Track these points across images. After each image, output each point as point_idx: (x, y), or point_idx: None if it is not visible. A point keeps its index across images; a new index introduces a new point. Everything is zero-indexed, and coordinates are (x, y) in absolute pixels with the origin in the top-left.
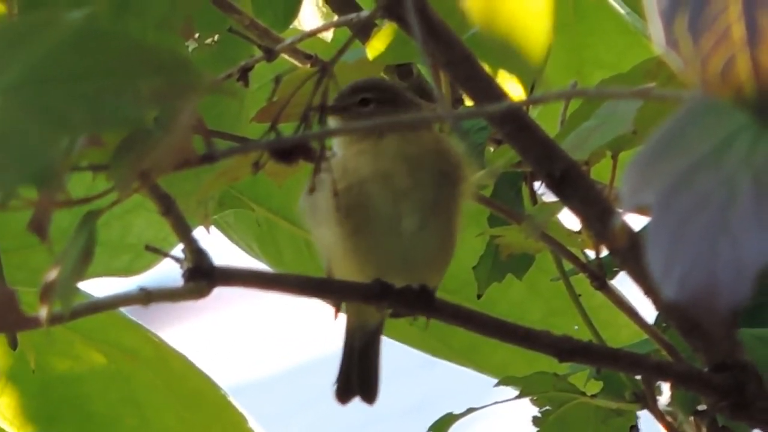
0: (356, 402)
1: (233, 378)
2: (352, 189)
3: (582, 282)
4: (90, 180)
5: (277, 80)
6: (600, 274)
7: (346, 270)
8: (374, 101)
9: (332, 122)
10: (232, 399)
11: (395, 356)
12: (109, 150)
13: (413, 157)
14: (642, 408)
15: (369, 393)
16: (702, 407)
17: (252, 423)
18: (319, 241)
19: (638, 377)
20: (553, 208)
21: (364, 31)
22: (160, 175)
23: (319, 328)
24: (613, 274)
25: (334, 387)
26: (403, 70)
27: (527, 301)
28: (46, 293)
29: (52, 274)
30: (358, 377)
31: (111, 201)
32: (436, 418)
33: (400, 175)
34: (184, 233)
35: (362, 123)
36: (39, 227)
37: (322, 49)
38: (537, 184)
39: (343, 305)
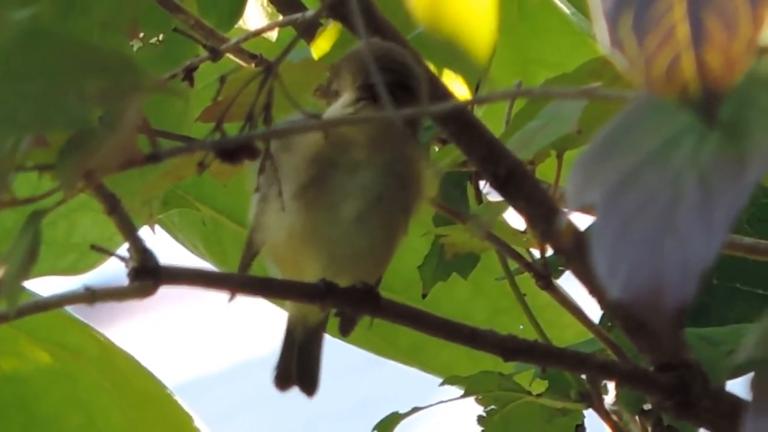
0: (301, 400)
1: (178, 376)
2: (304, 169)
3: (527, 281)
4: (35, 180)
5: (222, 80)
6: (545, 274)
7: (287, 263)
8: (397, 91)
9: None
10: (177, 398)
11: (340, 355)
12: (55, 150)
13: (379, 139)
14: (587, 407)
15: (308, 385)
16: (647, 406)
17: (197, 421)
18: (261, 231)
19: (584, 376)
20: (498, 208)
21: (309, 30)
22: (105, 175)
23: (264, 327)
24: (559, 274)
25: (274, 374)
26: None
27: (472, 301)
28: None
29: None
30: (297, 369)
31: (56, 200)
32: (382, 417)
33: (359, 152)
34: (130, 232)
35: (310, 123)
36: None
37: (267, 49)
38: (482, 184)
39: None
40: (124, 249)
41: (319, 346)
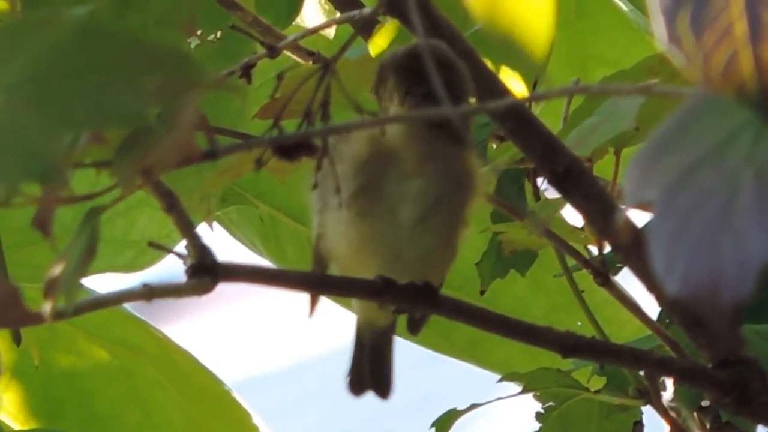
0: (359, 398)
1: (237, 374)
2: (362, 175)
3: (585, 278)
4: (93, 177)
5: (280, 77)
6: (603, 271)
7: (347, 263)
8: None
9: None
10: (235, 395)
11: (398, 352)
12: (112, 147)
13: (423, 155)
14: (645, 404)
15: (382, 388)
16: (706, 403)
17: (256, 419)
18: (321, 230)
19: (642, 373)
20: (556, 205)
21: (366, 28)
22: (163, 172)
23: (323, 324)
24: (617, 270)
25: (347, 379)
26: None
27: (530, 297)
28: (50, 289)
29: (56, 271)
30: (369, 373)
31: (114, 198)
32: (440, 414)
33: (407, 167)
34: (187, 230)
35: (367, 120)
36: (42, 224)
37: (324, 46)
38: (540, 181)
39: (353, 304)
40: (182, 246)
41: (389, 349)
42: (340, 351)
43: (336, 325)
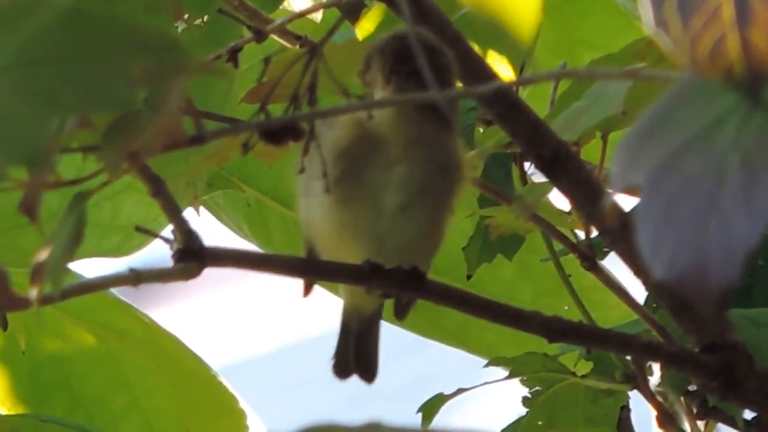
0: (346, 382)
1: (224, 358)
2: (344, 160)
3: (572, 262)
4: (80, 161)
5: (267, 61)
6: (590, 255)
7: (333, 248)
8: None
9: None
10: (222, 379)
11: (385, 337)
12: (99, 131)
13: (411, 139)
14: (632, 388)
15: (367, 372)
16: (693, 388)
17: (242, 403)
18: (307, 215)
19: (629, 358)
20: (543, 189)
21: (353, 11)
22: (149, 157)
23: (310, 308)
24: (603, 255)
25: (332, 363)
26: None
27: (517, 282)
28: (37, 274)
29: (43, 255)
30: (355, 357)
31: (101, 182)
32: (427, 398)
33: (393, 152)
34: (174, 214)
35: (354, 104)
36: (29, 208)
37: (311, 30)
38: (527, 165)
39: (339, 289)
40: (168, 231)
41: (376, 334)
42: (327, 335)
43: (322, 309)
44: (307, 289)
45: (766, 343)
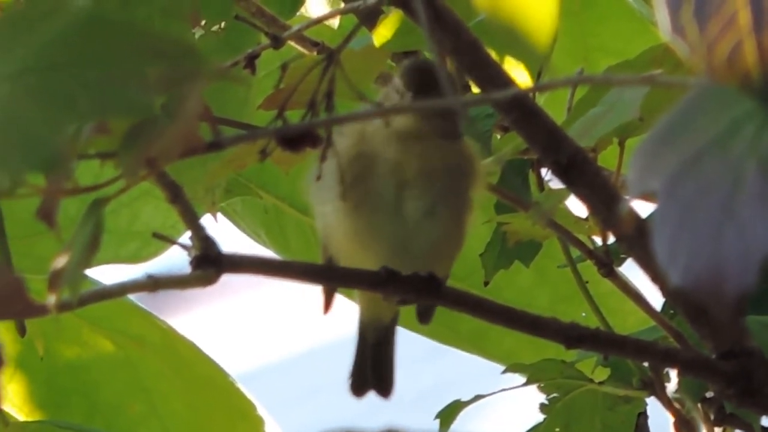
0: (361, 398)
1: (241, 365)
2: (356, 167)
3: (589, 269)
4: (97, 168)
5: (284, 68)
6: (607, 261)
7: (349, 255)
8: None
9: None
10: (240, 385)
11: (403, 344)
12: (117, 137)
13: (425, 146)
14: (650, 395)
15: (384, 386)
16: (710, 394)
17: (260, 409)
18: (323, 222)
19: (646, 364)
20: (560, 195)
21: (370, 18)
22: (167, 163)
23: (327, 315)
24: (621, 261)
25: (349, 380)
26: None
27: (534, 288)
28: (54, 281)
29: (60, 262)
30: (372, 370)
31: (118, 188)
32: (444, 405)
33: (409, 161)
34: (192, 221)
35: (371, 110)
36: (47, 215)
37: (329, 37)
38: (544, 171)
39: (356, 299)
40: (186, 237)
41: (392, 346)
42: (344, 342)
43: (340, 316)
44: (327, 305)
45: None
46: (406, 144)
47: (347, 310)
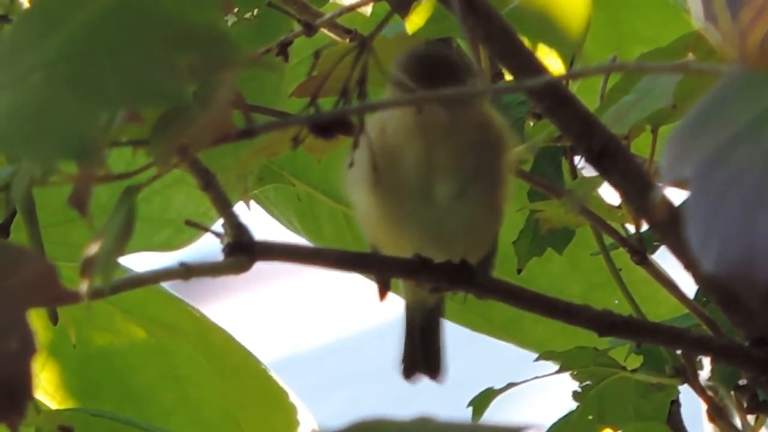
0: (395, 377)
1: (274, 353)
2: (382, 160)
3: (622, 256)
4: (130, 155)
5: (317, 55)
6: (640, 249)
7: (384, 242)
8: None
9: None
10: (273, 374)
11: None
12: (149, 125)
13: (454, 126)
14: (683, 383)
15: (434, 369)
16: (743, 382)
17: (293, 397)
18: (359, 211)
19: (679, 352)
20: (593, 183)
21: (403, 5)
22: (199, 150)
23: (360, 303)
24: (654, 249)
25: (400, 365)
26: (443, 45)
27: (567, 276)
28: (87, 268)
29: (93, 249)
30: (422, 354)
31: (151, 176)
32: (477, 392)
33: (433, 147)
34: (224, 208)
35: (401, 97)
36: (79, 202)
37: (361, 24)
38: (577, 159)
39: (400, 285)
40: (219, 224)
41: (439, 327)
42: (377, 331)
43: (374, 304)
44: (383, 293)
45: None
46: (429, 131)
47: (381, 300)
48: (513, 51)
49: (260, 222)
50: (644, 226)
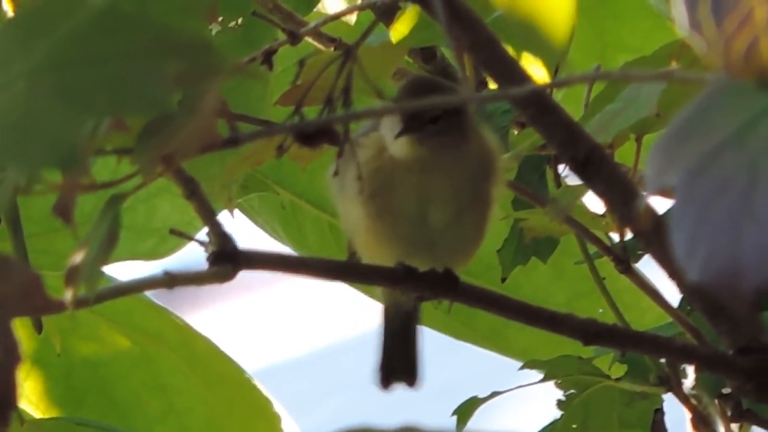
0: (387, 391)
1: (258, 362)
2: (376, 181)
3: (606, 265)
4: (114, 164)
5: (301, 64)
6: (624, 258)
7: (369, 251)
8: (442, 116)
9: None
10: (257, 382)
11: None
12: (134, 134)
13: (456, 165)
14: (667, 391)
15: (411, 375)
16: (727, 390)
17: (277, 406)
18: (345, 218)
19: (663, 360)
20: (578, 191)
21: (387, 14)
22: (184, 159)
23: (344, 312)
24: (638, 257)
25: (377, 373)
26: (427, 54)
27: (552, 285)
28: (71, 277)
29: (77, 258)
30: (399, 361)
31: (135, 185)
32: (461, 402)
33: (430, 181)
34: (209, 217)
35: (387, 106)
36: (63, 211)
37: (346, 33)
38: (561, 167)
39: (378, 291)
40: (203, 233)
41: (416, 333)
42: (362, 339)
43: (357, 313)
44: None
45: None
46: (431, 170)
47: (364, 307)
48: (497, 60)
49: (244, 231)
50: (628, 235)
